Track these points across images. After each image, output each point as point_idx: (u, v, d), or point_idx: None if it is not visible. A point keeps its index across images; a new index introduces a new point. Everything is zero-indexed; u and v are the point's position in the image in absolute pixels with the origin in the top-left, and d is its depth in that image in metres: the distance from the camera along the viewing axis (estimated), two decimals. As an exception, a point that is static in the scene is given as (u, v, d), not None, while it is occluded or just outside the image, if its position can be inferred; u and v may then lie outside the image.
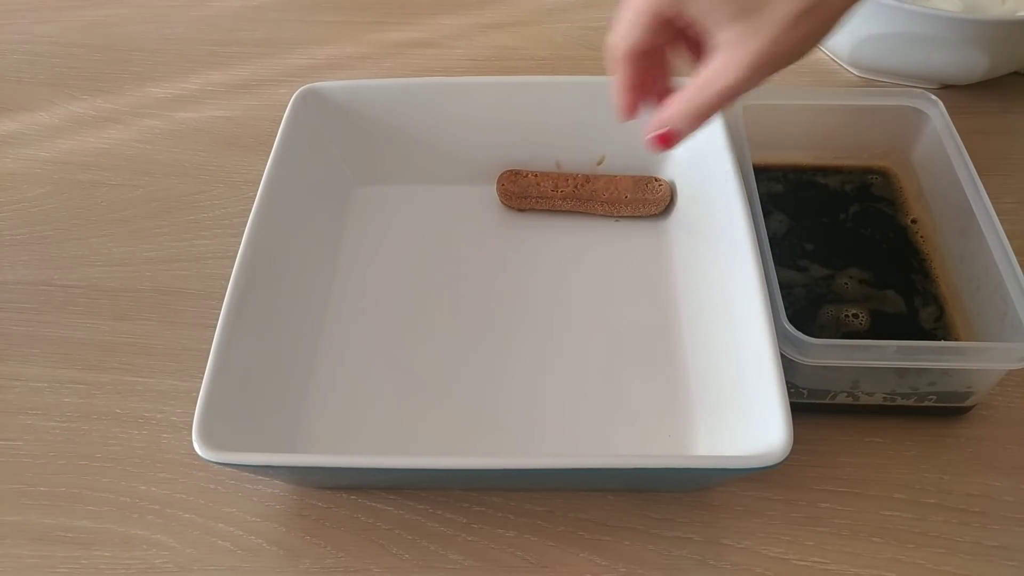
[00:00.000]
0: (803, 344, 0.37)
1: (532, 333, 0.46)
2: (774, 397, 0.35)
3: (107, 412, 0.45)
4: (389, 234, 0.51)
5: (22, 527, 0.41)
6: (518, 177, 0.51)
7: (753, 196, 0.43)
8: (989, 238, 0.41)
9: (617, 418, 0.42)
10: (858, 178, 0.50)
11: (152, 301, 0.49)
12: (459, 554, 0.39)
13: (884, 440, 0.42)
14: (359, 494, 0.41)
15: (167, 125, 0.60)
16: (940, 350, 0.39)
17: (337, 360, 0.45)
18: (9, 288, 0.50)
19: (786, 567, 0.38)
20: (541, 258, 0.50)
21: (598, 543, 0.39)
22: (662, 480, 0.40)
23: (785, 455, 0.33)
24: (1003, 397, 0.43)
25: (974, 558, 0.38)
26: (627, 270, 0.49)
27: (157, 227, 0.53)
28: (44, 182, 0.57)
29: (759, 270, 0.39)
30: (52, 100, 0.63)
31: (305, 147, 0.49)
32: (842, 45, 0.59)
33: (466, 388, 0.44)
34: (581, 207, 0.50)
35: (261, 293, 0.42)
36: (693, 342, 0.45)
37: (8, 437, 0.44)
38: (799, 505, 0.40)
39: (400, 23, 0.68)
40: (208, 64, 0.65)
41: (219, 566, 0.39)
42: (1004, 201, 0.41)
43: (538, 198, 0.50)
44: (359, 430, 0.42)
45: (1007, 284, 0.39)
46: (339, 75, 0.63)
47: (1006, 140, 0.56)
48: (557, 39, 0.66)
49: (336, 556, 0.39)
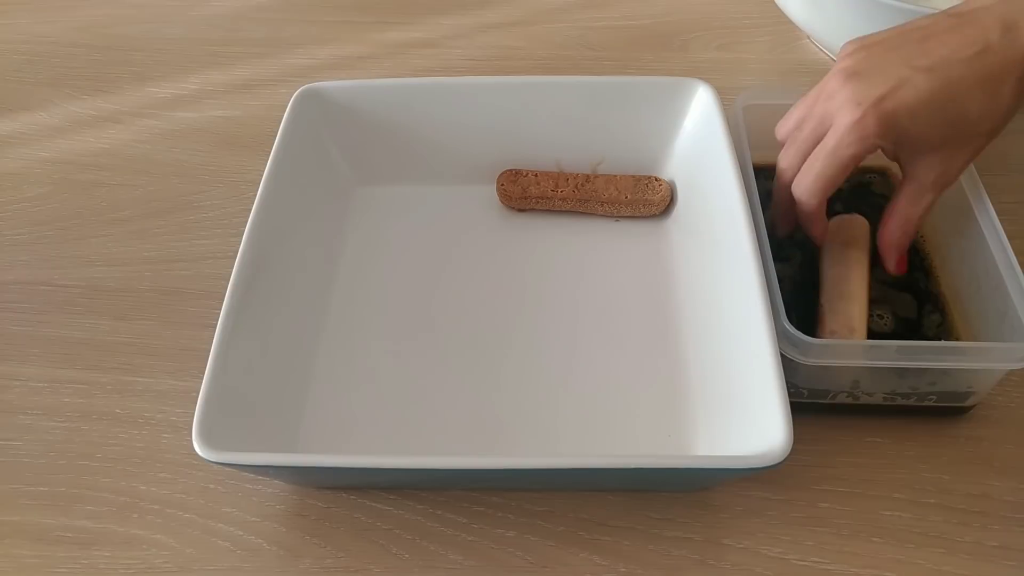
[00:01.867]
0: (803, 344, 0.37)
1: (532, 333, 0.46)
2: (774, 397, 0.35)
3: (107, 412, 0.45)
4: (389, 234, 0.51)
5: (22, 527, 0.41)
6: (518, 177, 0.51)
7: (753, 196, 0.43)
8: (989, 238, 0.41)
9: (617, 418, 0.42)
10: (857, 177, 0.49)
11: (152, 301, 0.49)
12: (459, 554, 0.39)
13: (884, 440, 0.42)
14: (359, 494, 0.41)
15: (167, 125, 0.60)
16: (940, 350, 0.39)
17: (337, 360, 0.45)
18: (9, 288, 0.50)
19: (786, 567, 0.38)
20: (541, 258, 0.50)
21: (598, 543, 0.39)
22: (662, 480, 0.40)
23: (785, 455, 0.33)
24: (1003, 397, 0.43)
25: (974, 558, 0.38)
26: (627, 270, 0.49)
27: (157, 227, 0.53)
28: (44, 182, 0.57)
29: (759, 270, 0.39)
30: (52, 100, 0.63)
31: (305, 147, 0.49)
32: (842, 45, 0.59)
33: (466, 388, 0.44)
34: (581, 207, 0.51)
35: (261, 293, 0.42)
36: (693, 342, 0.45)
37: (8, 437, 0.44)
38: (799, 505, 0.40)
39: (400, 23, 0.68)
40: (208, 64, 0.65)
41: (219, 566, 0.39)
42: (1004, 201, 0.41)
43: (538, 198, 0.50)
44: (359, 430, 0.42)
45: (1007, 284, 0.39)
46: (339, 75, 0.63)
47: (1006, 140, 0.55)
48: (557, 39, 0.66)
49: (336, 556, 0.39)
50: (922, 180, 0.40)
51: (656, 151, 0.51)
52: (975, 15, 0.39)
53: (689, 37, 0.66)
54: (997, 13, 0.38)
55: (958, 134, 0.39)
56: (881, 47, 0.40)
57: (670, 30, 0.66)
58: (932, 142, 0.39)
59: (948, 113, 0.38)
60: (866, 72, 0.39)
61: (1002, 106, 0.38)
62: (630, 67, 0.63)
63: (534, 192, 0.50)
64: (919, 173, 0.40)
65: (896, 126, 0.38)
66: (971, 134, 0.39)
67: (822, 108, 0.40)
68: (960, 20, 0.39)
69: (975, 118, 0.38)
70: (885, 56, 0.39)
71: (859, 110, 0.38)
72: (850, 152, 0.39)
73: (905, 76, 0.38)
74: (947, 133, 0.38)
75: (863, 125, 0.38)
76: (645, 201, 0.50)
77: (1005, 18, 0.38)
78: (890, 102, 0.38)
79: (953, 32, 0.38)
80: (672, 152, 0.51)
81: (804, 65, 0.63)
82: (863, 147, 0.38)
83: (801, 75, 0.62)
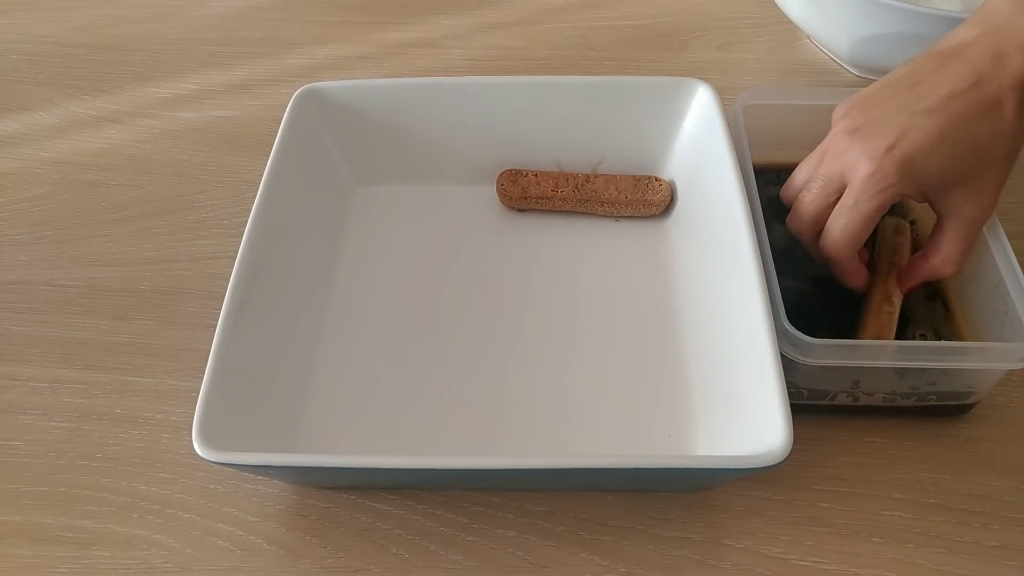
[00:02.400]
0: (803, 344, 0.37)
1: (532, 333, 0.46)
2: (774, 397, 0.35)
3: (107, 412, 0.45)
4: (389, 234, 0.51)
5: (22, 527, 0.41)
6: (518, 177, 0.51)
7: (753, 196, 0.43)
8: (989, 238, 0.41)
9: (617, 418, 0.42)
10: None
11: (152, 301, 0.49)
12: (459, 554, 0.39)
13: (884, 440, 0.42)
14: (359, 494, 0.41)
15: (167, 125, 0.60)
16: (940, 350, 0.39)
17: (337, 360, 0.45)
18: (9, 288, 0.50)
19: (786, 567, 0.38)
20: (541, 258, 0.50)
21: (598, 543, 0.39)
22: (662, 480, 0.40)
23: (785, 455, 0.33)
24: (1003, 397, 0.43)
25: (974, 558, 0.38)
26: (627, 270, 0.49)
27: (157, 227, 0.53)
28: (44, 182, 0.57)
29: (759, 270, 0.39)
30: (52, 100, 0.63)
31: (305, 147, 0.49)
32: (842, 45, 0.59)
33: (466, 388, 0.44)
34: (581, 207, 0.51)
35: (261, 293, 0.42)
36: (693, 342, 0.45)
37: (8, 437, 0.44)
38: (799, 505, 0.40)
39: (400, 23, 0.68)
40: (208, 64, 0.65)
41: (219, 566, 0.39)
42: (1004, 201, 0.41)
43: (538, 198, 0.50)
44: (359, 430, 0.42)
45: (1007, 284, 0.39)
46: (339, 75, 0.63)
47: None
48: (557, 39, 0.66)
49: (336, 556, 0.39)
50: (962, 215, 0.40)
51: (656, 151, 0.51)
52: (959, 52, 0.39)
53: (689, 37, 0.66)
54: (983, 46, 0.39)
55: (978, 162, 0.39)
56: (874, 100, 0.40)
57: (670, 30, 0.66)
58: (955, 176, 0.39)
59: (960, 146, 0.38)
60: (868, 126, 0.39)
61: (1009, 128, 0.38)
62: (630, 67, 0.63)
63: (534, 192, 0.50)
64: (955, 208, 0.40)
65: (915, 170, 0.38)
66: (989, 159, 0.39)
67: (831, 167, 0.40)
68: (944, 59, 0.39)
69: (988, 144, 0.38)
70: (882, 108, 0.39)
71: (873, 162, 0.38)
72: (873, 204, 0.39)
73: (908, 122, 0.38)
74: (966, 165, 0.39)
75: (881, 176, 0.38)
76: (645, 201, 0.50)
77: (992, 49, 0.38)
78: (901, 148, 0.38)
79: (941, 71, 0.39)
80: (672, 152, 0.51)
81: (804, 65, 0.63)
82: (884, 197, 0.38)
83: (801, 75, 0.62)
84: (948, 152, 0.38)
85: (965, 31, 0.40)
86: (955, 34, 0.40)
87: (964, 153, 0.38)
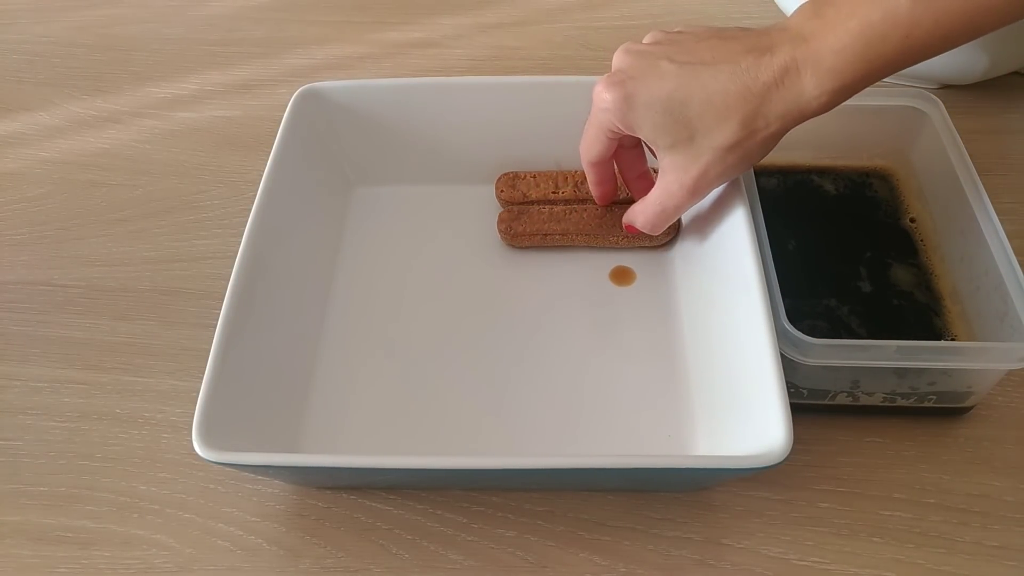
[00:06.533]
0: (803, 344, 0.37)
1: (532, 333, 0.46)
2: (774, 397, 0.35)
3: (107, 412, 0.45)
4: (389, 234, 0.51)
5: (22, 527, 0.41)
6: (516, 180, 0.51)
7: (753, 196, 0.43)
8: (989, 238, 0.41)
9: (617, 418, 0.42)
10: (858, 178, 0.50)
11: (152, 301, 0.49)
12: (459, 554, 0.39)
13: (884, 440, 0.42)
14: (359, 494, 0.41)
15: (166, 125, 0.60)
16: (940, 350, 0.39)
17: (337, 360, 0.45)
18: (9, 288, 0.50)
19: (786, 567, 0.38)
20: (541, 258, 0.50)
21: (598, 543, 0.39)
22: (662, 480, 0.40)
23: (785, 455, 0.33)
24: (1003, 397, 0.43)
25: (974, 558, 0.38)
26: (627, 270, 0.49)
27: (157, 227, 0.53)
28: (44, 182, 0.57)
29: (759, 270, 0.39)
30: (52, 100, 0.63)
31: (305, 147, 0.49)
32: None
33: (466, 388, 0.44)
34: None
35: (261, 293, 0.42)
36: (693, 342, 0.45)
37: (8, 437, 0.44)
38: (799, 505, 0.40)
39: (400, 23, 0.68)
40: (208, 64, 0.65)
41: (219, 566, 0.39)
42: (1004, 201, 0.41)
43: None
44: (359, 430, 0.42)
45: (1007, 284, 0.39)
46: (339, 75, 0.63)
47: (1006, 140, 0.56)
48: (557, 39, 0.66)
49: (336, 556, 0.39)
50: (665, 180, 0.40)
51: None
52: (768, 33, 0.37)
53: (689, 37, 0.65)
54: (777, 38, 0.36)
55: (690, 139, 0.38)
56: (673, 36, 0.40)
57: (670, 30, 0.66)
58: (667, 138, 0.38)
59: (676, 114, 0.37)
60: (641, 52, 0.39)
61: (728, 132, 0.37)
62: (630, 67, 0.63)
63: (534, 195, 0.50)
64: (664, 170, 0.40)
65: (632, 108, 0.38)
66: (706, 145, 0.38)
67: None
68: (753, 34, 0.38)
69: (702, 129, 0.37)
70: (666, 44, 0.39)
71: (604, 84, 0.39)
72: (592, 121, 0.40)
73: (663, 68, 0.38)
74: (681, 136, 0.38)
75: (602, 98, 0.39)
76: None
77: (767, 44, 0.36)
78: (633, 84, 0.38)
79: (734, 41, 0.38)
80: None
81: (804, 65, 0.63)
82: (603, 118, 0.40)
83: (801, 75, 0.62)
84: (667, 110, 0.37)
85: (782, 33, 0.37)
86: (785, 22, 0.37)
87: (682, 121, 0.37)
